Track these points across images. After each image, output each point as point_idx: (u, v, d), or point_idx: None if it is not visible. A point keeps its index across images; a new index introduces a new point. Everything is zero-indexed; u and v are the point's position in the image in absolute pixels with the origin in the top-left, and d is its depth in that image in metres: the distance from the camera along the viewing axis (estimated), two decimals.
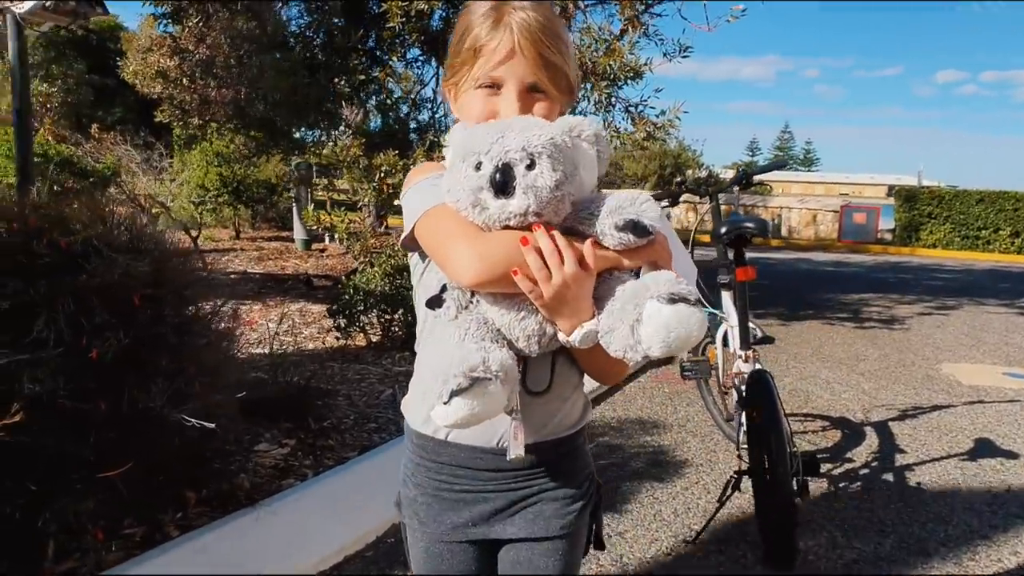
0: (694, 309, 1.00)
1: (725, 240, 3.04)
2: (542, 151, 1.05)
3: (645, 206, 1.08)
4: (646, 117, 6.31)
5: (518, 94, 1.20)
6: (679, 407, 4.71)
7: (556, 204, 1.06)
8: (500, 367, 1.04)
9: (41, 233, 2.44)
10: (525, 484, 1.27)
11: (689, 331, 1.00)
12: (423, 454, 1.30)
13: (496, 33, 1.20)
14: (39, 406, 2.12)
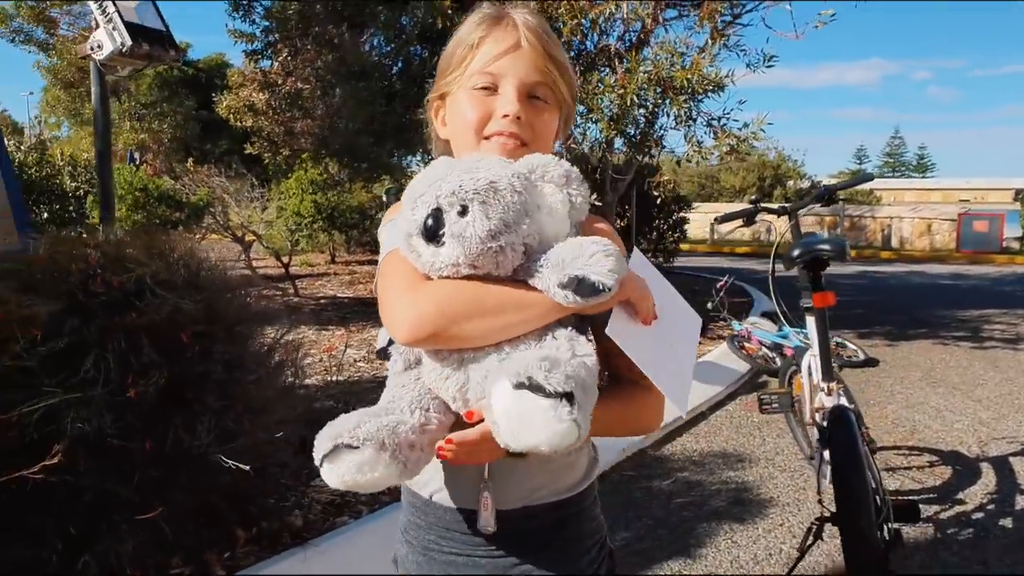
0: (540, 403, 0.82)
1: (798, 263, 2.80)
2: (475, 196, 0.93)
3: (595, 259, 0.92)
4: (729, 130, 6.04)
5: (518, 93, 1.10)
6: (768, 438, 4.42)
7: (492, 256, 0.94)
8: (370, 436, 0.92)
9: (97, 273, 2.48)
10: (518, 552, 1.14)
11: (532, 431, 0.83)
12: (414, 511, 1.20)
13: (496, 28, 1.12)
14: (83, 445, 2.13)
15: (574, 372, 0.86)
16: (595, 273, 0.91)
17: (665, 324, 1.06)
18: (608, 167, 8.93)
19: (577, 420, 0.83)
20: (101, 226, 3.48)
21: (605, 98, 6.14)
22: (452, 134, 1.18)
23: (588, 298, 0.92)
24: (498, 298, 0.96)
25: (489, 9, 1.15)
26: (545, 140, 1.16)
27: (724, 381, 5.49)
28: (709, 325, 7.24)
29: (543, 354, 0.88)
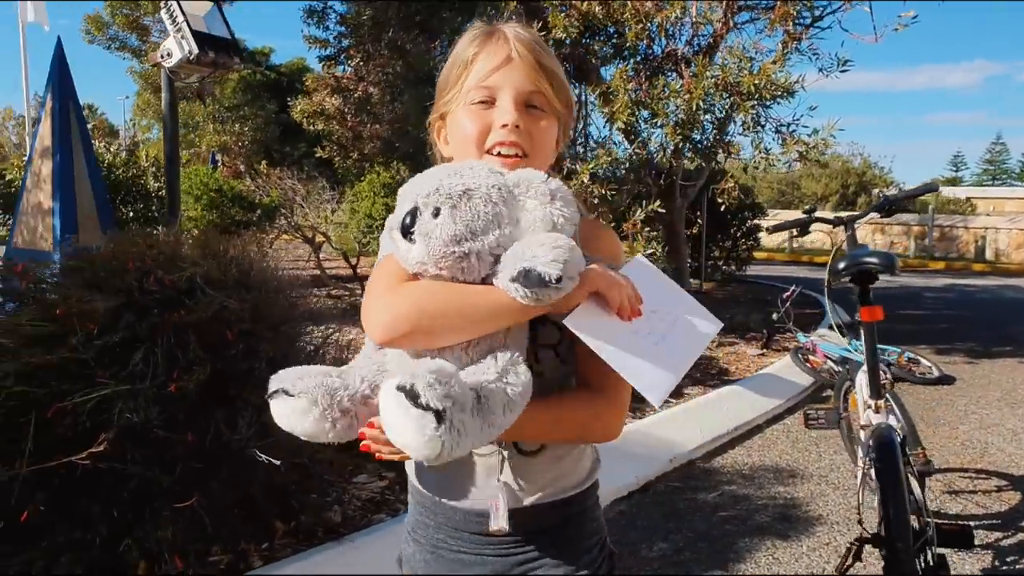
0: (409, 410, 0.85)
1: (844, 277, 2.72)
2: (447, 199, 0.96)
3: (541, 250, 0.93)
4: (797, 137, 5.89)
5: (515, 103, 1.12)
6: (825, 454, 4.29)
7: (456, 260, 0.97)
8: (308, 389, 1.00)
9: (152, 271, 2.61)
10: (524, 550, 1.17)
11: (399, 431, 0.87)
12: (422, 510, 1.23)
13: (488, 43, 1.15)
14: (131, 435, 2.24)
15: (458, 394, 0.88)
16: (541, 264, 0.91)
17: (656, 322, 1.06)
18: (677, 173, 8.85)
19: (443, 438, 0.85)
20: (162, 227, 3.63)
21: (671, 103, 6.07)
22: (455, 151, 1.19)
23: (537, 289, 0.92)
24: (467, 299, 0.98)
25: (481, 27, 1.18)
26: (545, 148, 1.17)
27: (784, 394, 5.36)
28: (774, 336, 7.08)
29: (438, 367, 0.90)
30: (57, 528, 2.09)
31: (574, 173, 6.00)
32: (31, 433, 2.09)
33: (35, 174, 4.87)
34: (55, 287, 2.65)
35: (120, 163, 8.67)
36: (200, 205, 7.60)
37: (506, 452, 1.12)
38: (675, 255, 10.29)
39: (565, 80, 1.19)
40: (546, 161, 1.19)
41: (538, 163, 1.14)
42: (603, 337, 1.00)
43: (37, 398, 2.17)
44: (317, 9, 8.49)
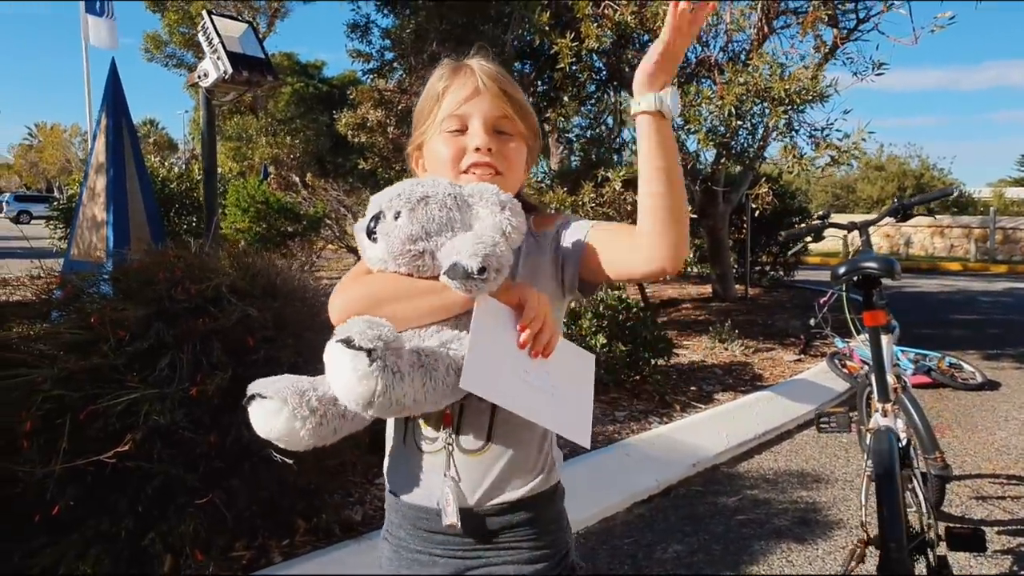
0: (345, 351, 0.97)
1: (844, 281, 2.73)
2: (406, 204, 1.09)
3: (465, 246, 1.04)
4: (829, 141, 5.84)
5: (484, 128, 1.22)
6: (853, 460, 4.26)
7: (411, 258, 1.10)
8: (278, 391, 1.09)
9: (179, 282, 2.77)
10: (474, 552, 1.22)
11: (337, 375, 0.99)
12: (390, 510, 1.32)
13: (457, 77, 1.26)
14: (158, 435, 2.39)
15: (390, 339, 1.00)
16: (464, 257, 1.02)
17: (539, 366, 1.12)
18: (718, 179, 8.81)
19: (376, 374, 0.97)
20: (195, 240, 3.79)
21: (704, 109, 6.08)
22: (430, 173, 1.29)
23: (463, 280, 1.02)
24: (413, 289, 1.12)
25: (449, 63, 1.30)
26: (516, 168, 1.27)
27: (816, 400, 5.31)
28: (813, 342, 7.01)
29: (369, 319, 1.03)
30: (87, 522, 2.24)
31: (607, 180, 6.06)
32: (66, 433, 2.25)
33: (90, 188, 5.12)
34: (93, 297, 2.83)
35: (174, 177, 9.05)
36: (248, 217, 7.87)
37: (452, 446, 1.19)
38: (719, 261, 10.25)
39: (529, 108, 1.30)
40: (518, 179, 1.29)
41: (511, 180, 1.25)
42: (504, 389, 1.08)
43: (72, 401, 2.33)
44: (360, 24, 8.70)
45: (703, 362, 6.25)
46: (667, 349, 5.28)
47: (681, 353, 6.41)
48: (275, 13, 19.40)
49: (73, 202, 8.85)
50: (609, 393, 4.97)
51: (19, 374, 2.34)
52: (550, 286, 1.22)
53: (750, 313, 9.05)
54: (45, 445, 2.26)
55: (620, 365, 4.95)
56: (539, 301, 1.11)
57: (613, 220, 6.20)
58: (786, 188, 12.77)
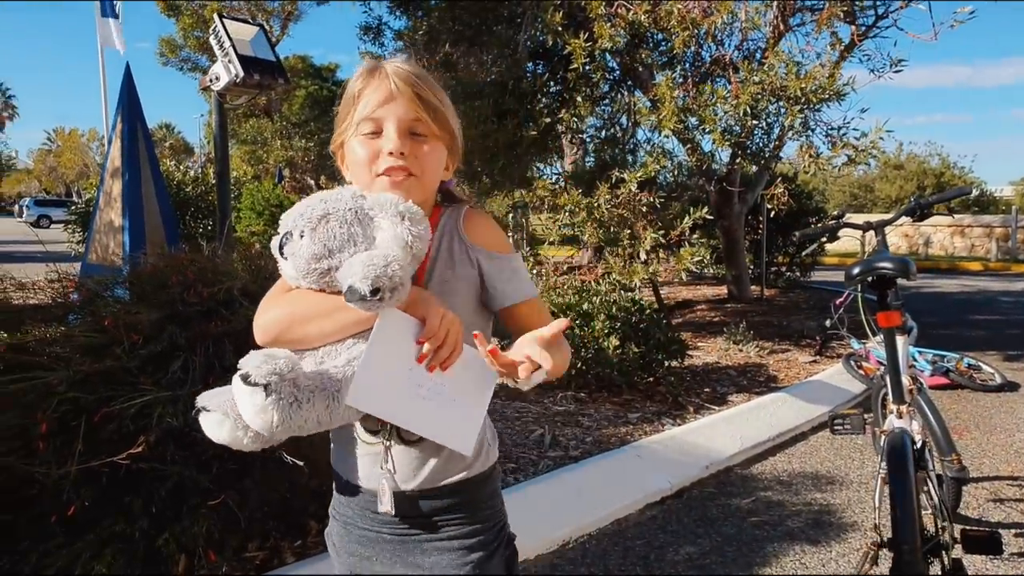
0: (242, 387, 1.04)
1: (859, 281, 2.71)
2: (307, 223, 1.13)
3: (356, 268, 1.07)
4: (846, 140, 5.80)
5: (398, 131, 1.24)
6: (868, 462, 4.22)
7: (317, 276, 1.14)
8: (218, 406, 1.14)
9: (192, 285, 2.79)
10: (417, 531, 1.30)
11: (241, 408, 1.05)
12: (337, 490, 1.39)
13: (372, 80, 1.28)
14: (171, 437, 2.41)
15: (285, 370, 1.05)
16: (356, 280, 1.05)
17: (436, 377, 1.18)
18: (734, 179, 8.77)
19: (272, 407, 1.03)
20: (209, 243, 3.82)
21: (719, 108, 6.06)
22: (352, 175, 1.33)
23: (358, 302, 1.07)
24: (328, 305, 1.16)
25: (366, 65, 1.32)
26: (433, 170, 1.30)
27: (832, 401, 5.27)
28: (829, 343, 6.96)
29: (269, 352, 1.08)
30: (102, 522, 2.26)
31: (622, 182, 6.05)
32: (81, 435, 2.27)
33: (107, 193, 5.17)
34: (108, 301, 2.85)
35: (189, 181, 9.11)
36: (262, 220, 7.91)
37: (389, 442, 1.25)
38: (734, 262, 10.19)
39: (445, 109, 1.31)
40: (435, 180, 1.32)
41: (426, 182, 1.28)
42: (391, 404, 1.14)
43: (87, 403, 2.35)
44: (372, 26, 8.75)
45: (717, 363, 6.22)
46: (681, 351, 5.26)
47: (695, 355, 6.39)
48: (289, 16, 19.53)
49: (90, 207, 8.93)
50: (622, 395, 4.96)
51: (35, 376, 2.37)
52: (470, 295, 1.30)
53: (766, 314, 9.00)
54: (61, 447, 2.28)
55: (633, 367, 4.93)
56: (442, 318, 1.15)
57: (627, 220, 6.20)
58: (802, 188, 12.70)
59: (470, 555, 1.29)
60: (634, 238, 6.09)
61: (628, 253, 6.13)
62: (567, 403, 4.76)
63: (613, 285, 5.54)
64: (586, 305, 5.07)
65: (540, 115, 6.48)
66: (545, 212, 6.82)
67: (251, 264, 3.09)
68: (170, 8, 16.20)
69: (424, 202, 1.28)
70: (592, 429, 4.31)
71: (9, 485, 2.25)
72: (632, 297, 5.27)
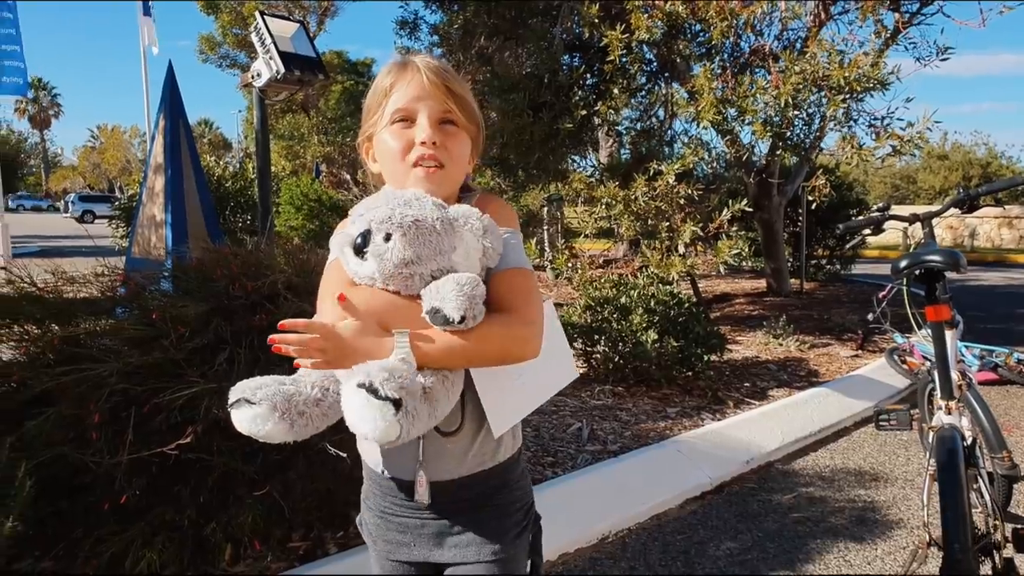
0: (372, 402, 1.02)
1: (906, 275, 2.65)
2: (399, 228, 1.12)
3: (451, 295, 1.10)
4: (891, 130, 5.68)
5: (431, 122, 1.29)
6: (914, 458, 4.15)
7: (402, 280, 1.15)
8: (267, 397, 1.13)
9: (237, 279, 2.83)
10: (455, 515, 1.34)
11: (363, 423, 1.03)
12: (371, 482, 1.41)
13: (404, 74, 1.32)
14: (217, 428, 2.45)
15: (409, 385, 1.05)
16: (448, 307, 1.10)
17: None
18: (773, 170, 8.65)
19: (400, 422, 1.03)
20: (250, 237, 3.86)
21: (759, 99, 5.97)
22: (382, 167, 1.37)
23: (442, 325, 1.11)
24: (391, 315, 1.16)
25: (396, 60, 1.36)
26: (460, 161, 1.34)
27: (875, 396, 5.19)
28: (871, 337, 6.84)
29: (386, 363, 1.06)
30: (153, 510, 2.31)
31: (659, 174, 5.99)
32: (131, 425, 2.33)
33: (150, 189, 5.27)
34: (154, 295, 2.91)
35: (228, 176, 9.23)
36: (301, 215, 7.99)
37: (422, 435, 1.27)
38: (773, 254, 10.05)
39: (472, 102, 1.36)
40: (462, 171, 1.36)
41: (455, 173, 1.33)
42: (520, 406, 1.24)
43: (136, 395, 2.40)
44: (408, 20, 8.79)
45: (757, 358, 6.15)
46: (720, 345, 5.21)
47: (735, 349, 6.32)
48: (325, 12, 19.67)
49: (134, 202, 9.11)
50: (660, 389, 4.93)
51: (87, 368, 2.42)
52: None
53: (806, 308, 8.87)
54: (112, 437, 2.33)
55: (672, 361, 4.90)
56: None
57: (665, 213, 6.14)
58: (843, 179, 12.50)
59: (503, 534, 1.35)
60: (672, 231, 6.04)
61: (666, 246, 6.08)
62: (604, 397, 4.74)
63: (651, 279, 5.49)
64: (624, 299, 5.04)
65: (576, 107, 6.44)
66: (580, 205, 6.78)
67: (293, 259, 3.12)
68: (209, 6, 16.44)
69: (451, 195, 1.33)
70: (630, 423, 4.29)
71: (63, 474, 2.31)
72: (670, 291, 5.23)
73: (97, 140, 66.47)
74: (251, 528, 2.39)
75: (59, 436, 2.33)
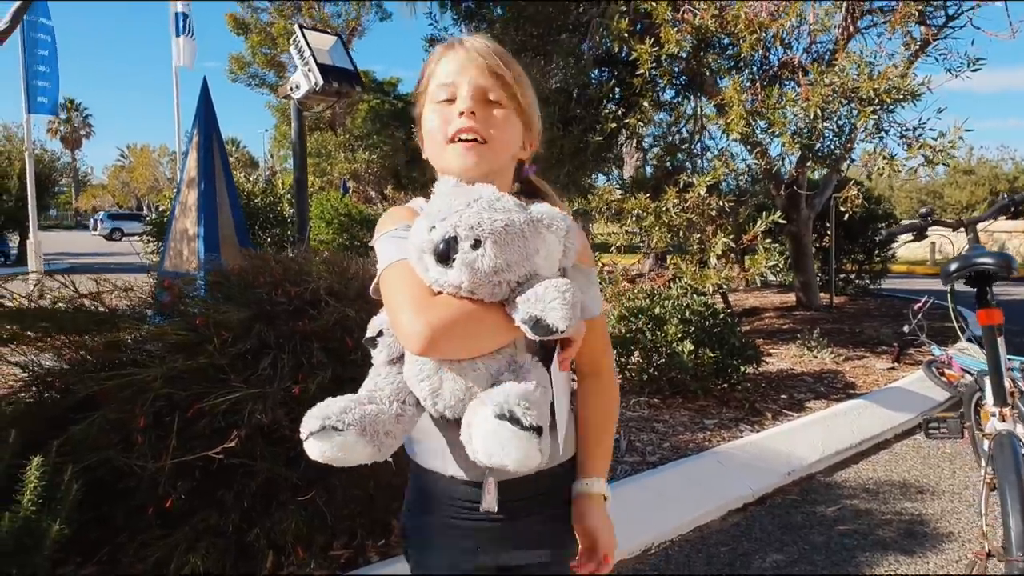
0: (518, 433, 0.97)
1: (955, 278, 2.59)
2: (490, 235, 1.05)
3: (553, 304, 1.05)
4: (923, 140, 5.61)
5: (471, 94, 1.24)
6: (960, 471, 4.06)
7: (491, 287, 1.08)
8: (355, 421, 1.08)
9: (280, 284, 2.83)
10: (522, 515, 1.29)
11: (506, 454, 0.99)
12: (423, 484, 1.32)
13: (449, 51, 1.29)
14: (260, 433, 2.44)
15: (545, 409, 1.02)
16: (551, 317, 1.04)
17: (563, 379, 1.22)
18: (801, 183, 8.58)
19: (542, 449, 0.99)
20: (291, 246, 3.89)
21: (788, 111, 5.93)
22: (427, 145, 1.32)
23: (543, 336, 1.06)
24: (488, 325, 1.11)
25: (445, 42, 1.34)
26: (505, 139, 1.27)
27: (916, 408, 5.09)
28: (907, 350, 6.73)
29: (521, 391, 1.01)
30: (197, 515, 2.30)
31: (690, 186, 5.96)
32: (175, 430, 2.32)
33: (182, 203, 5.31)
34: (195, 301, 2.92)
35: (258, 192, 9.31)
36: (331, 229, 8.04)
37: None
38: (802, 268, 9.95)
39: (520, 81, 1.29)
40: (507, 150, 1.29)
41: (497, 148, 1.26)
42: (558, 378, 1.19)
43: (179, 400, 2.40)
44: (437, 37, 8.83)
45: (792, 370, 6.06)
46: (755, 356, 5.14)
47: (769, 361, 6.24)
48: (352, 31, 19.90)
49: (165, 217, 9.22)
50: (697, 401, 4.86)
51: (131, 373, 2.42)
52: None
53: (836, 321, 8.75)
54: (156, 441, 2.33)
55: (707, 372, 4.84)
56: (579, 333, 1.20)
57: (696, 225, 6.11)
58: (870, 193, 12.37)
59: (568, 534, 1.35)
60: (703, 242, 6.00)
61: (698, 258, 6.03)
62: (640, 408, 4.68)
63: (684, 289, 5.44)
64: (658, 308, 4.99)
65: (606, 120, 6.43)
66: (608, 219, 6.75)
67: (334, 266, 3.12)
68: (239, 27, 16.73)
69: (497, 173, 1.27)
70: (668, 435, 4.23)
71: (108, 478, 2.31)
72: (704, 301, 5.17)
73: (126, 159, 67.63)
74: (294, 534, 2.37)
75: (104, 440, 2.33)
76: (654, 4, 6.13)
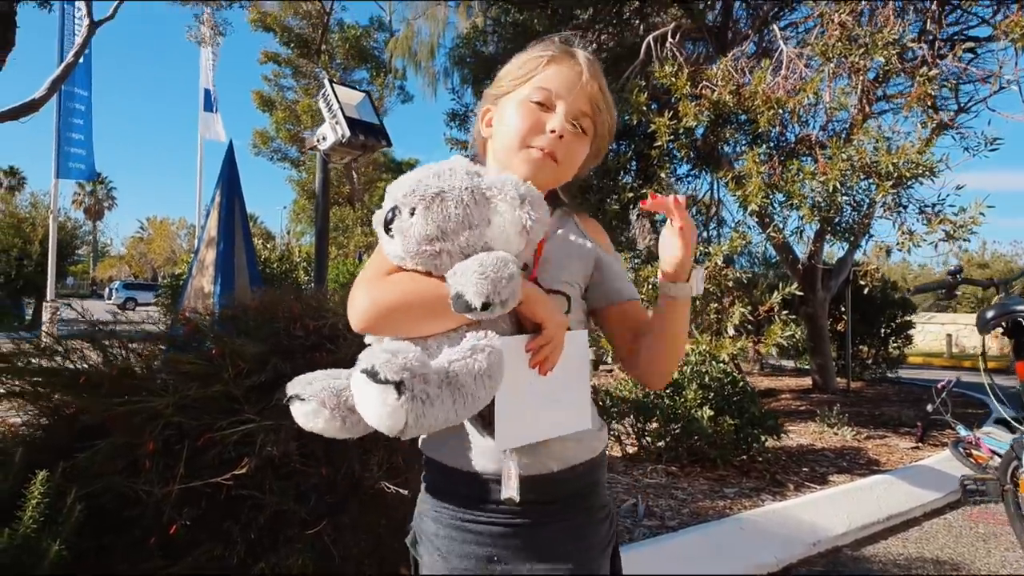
0: (373, 387, 0.93)
1: (992, 327, 2.53)
2: (421, 201, 1.03)
3: (472, 277, 1.00)
4: (943, 215, 5.61)
5: (568, 115, 1.24)
6: (995, 550, 3.87)
7: (429, 258, 1.04)
8: (315, 394, 1.08)
9: (298, 318, 2.79)
10: (545, 520, 1.21)
11: (365, 408, 0.95)
12: (440, 482, 1.27)
13: (566, 56, 1.27)
14: (271, 466, 2.36)
15: (416, 367, 0.94)
16: (468, 292, 0.99)
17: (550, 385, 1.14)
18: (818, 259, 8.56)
19: (405, 407, 0.92)
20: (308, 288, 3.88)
21: (806, 185, 5.96)
22: (495, 135, 1.30)
23: (464, 312, 1.01)
24: (422, 302, 1.07)
25: (560, 43, 1.30)
26: (573, 165, 1.30)
27: (944, 488, 4.90)
28: (930, 431, 6.56)
29: (392, 347, 0.97)
30: (201, 546, 2.20)
31: (707, 255, 5.95)
32: (183, 459, 2.24)
33: (200, 261, 5.33)
34: (212, 335, 2.87)
35: (275, 259, 9.40)
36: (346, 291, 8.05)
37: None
38: (819, 350, 9.83)
39: (612, 112, 1.32)
40: (571, 174, 1.31)
41: (564, 172, 1.28)
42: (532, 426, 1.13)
43: (190, 428, 2.33)
44: (459, 113, 9.05)
45: (812, 446, 5.90)
46: (776, 428, 5.01)
47: (788, 436, 6.09)
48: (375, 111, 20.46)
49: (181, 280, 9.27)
50: (716, 470, 4.71)
51: (143, 400, 2.36)
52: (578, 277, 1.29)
53: (855, 405, 8.58)
54: (164, 469, 2.25)
55: (727, 441, 4.70)
56: (557, 326, 1.13)
57: (713, 296, 6.06)
58: (886, 281, 12.33)
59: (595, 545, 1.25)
60: (720, 312, 5.93)
61: (714, 329, 5.96)
62: (658, 476, 4.53)
63: (702, 356, 5.36)
64: (676, 374, 4.90)
65: (623, 191, 6.49)
66: None
67: None
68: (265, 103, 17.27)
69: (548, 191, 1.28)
70: (687, 501, 4.08)
71: (112, 506, 2.22)
72: (724, 368, 5.08)
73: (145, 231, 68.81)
74: (299, 571, 2.25)
75: (110, 466, 2.25)
76: (673, 80, 6.27)
